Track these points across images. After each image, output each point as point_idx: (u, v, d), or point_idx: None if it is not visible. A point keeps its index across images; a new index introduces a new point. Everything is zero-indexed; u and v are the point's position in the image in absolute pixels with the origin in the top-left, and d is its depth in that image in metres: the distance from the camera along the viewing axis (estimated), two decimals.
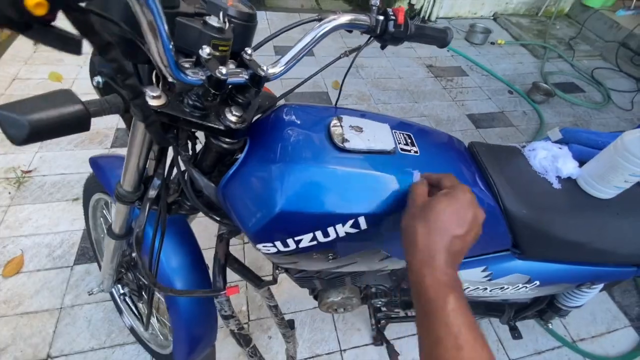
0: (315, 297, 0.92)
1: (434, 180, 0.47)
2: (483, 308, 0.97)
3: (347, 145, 0.51)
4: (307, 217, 0.49)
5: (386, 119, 0.61)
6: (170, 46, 0.35)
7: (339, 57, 0.61)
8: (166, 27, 0.32)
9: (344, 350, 1.23)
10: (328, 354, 1.22)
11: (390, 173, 0.51)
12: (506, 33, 3.37)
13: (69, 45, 0.22)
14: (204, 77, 0.42)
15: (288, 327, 0.90)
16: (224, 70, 0.42)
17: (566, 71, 2.94)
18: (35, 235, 1.37)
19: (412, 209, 0.44)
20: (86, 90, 2.00)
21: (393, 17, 0.55)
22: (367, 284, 0.90)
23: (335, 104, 0.65)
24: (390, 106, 2.32)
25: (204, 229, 1.28)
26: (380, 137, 0.54)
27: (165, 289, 0.60)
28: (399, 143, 0.56)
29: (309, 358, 1.20)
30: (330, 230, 0.50)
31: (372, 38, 0.60)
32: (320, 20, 0.53)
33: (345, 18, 0.53)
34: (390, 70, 2.64)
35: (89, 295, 0.99)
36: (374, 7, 0.55)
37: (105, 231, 1.06)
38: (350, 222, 0.50)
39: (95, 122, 0.36)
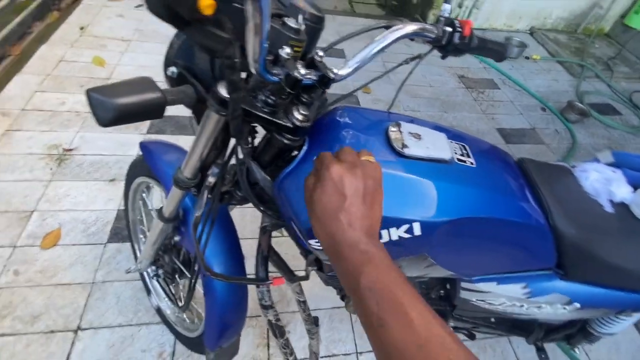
0: (342, 297, 0.93)
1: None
2: (509, 325, 0.96)
3: (406, 151, 0.52)
4: None
5: (440, 127, 0.62)
6: (266, 45, 0.37)
7: (400, 64, 0.62)
8: (269, 27, 0.34)
9: (361, 352, 1.24)
10: (345, 354, 1.23)
11: (448, 182, 0.51)
12: (542, 48, 3.30)
13: (218, 42, 0.24)
14: (282, 76, 0.44)
15: (313, 323, 0.91)
16: (302, 70, 0.44)
17: (603, 92, 2.85)
18: (73, 210, 1.44)
19: (306, 205, 0.42)
20: (126, 75, 2.07)
21: (459, 29, 0.56)
22: None
23: (389, 109, 0.66)
24: (419, 114, 2.31)
25: None
26: (438, 146, 0.55)
27: (216, 275, 0.62)
28: (455, 153, 0.56)
29: (326, 357, 1.22)
30: (384, 232, 0.51)
31: (433, 48, 0.61)
32: (387, 27, 0.54)
33: (412, 27, 0.54)
34: (421, 78, 2.63)
35: (127, 273, 1.04)
36: (441, 19, 0.56)
37: (144, 214, 1.11)
38: (405, 227, 0.51)
39: None
